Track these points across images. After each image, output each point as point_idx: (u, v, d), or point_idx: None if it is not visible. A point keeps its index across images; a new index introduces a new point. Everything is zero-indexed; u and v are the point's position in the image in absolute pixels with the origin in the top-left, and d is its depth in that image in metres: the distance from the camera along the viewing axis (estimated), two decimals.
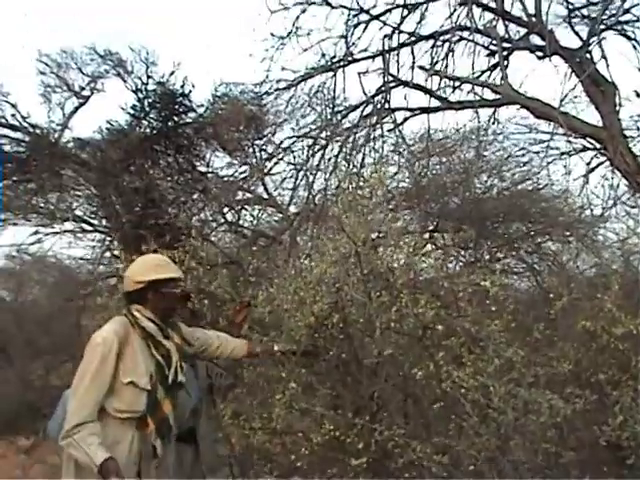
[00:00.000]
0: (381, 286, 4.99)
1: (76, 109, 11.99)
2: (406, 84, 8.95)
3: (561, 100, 8.12)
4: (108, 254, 12.30)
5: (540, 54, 8.78)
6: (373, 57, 9.07)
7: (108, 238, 12.10)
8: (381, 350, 4.86)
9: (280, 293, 5.09)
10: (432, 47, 8.99)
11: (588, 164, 9.43)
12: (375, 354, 4.91)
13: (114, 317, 4.89)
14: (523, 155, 11.44)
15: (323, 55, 9.21)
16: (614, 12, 8.57)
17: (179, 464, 5.53)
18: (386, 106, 8.89)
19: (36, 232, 12.43)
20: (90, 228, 12.39)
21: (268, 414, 5.07)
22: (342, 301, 4.90)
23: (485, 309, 4.87)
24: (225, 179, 11.40)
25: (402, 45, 9.00)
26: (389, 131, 9.09)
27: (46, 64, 11.87)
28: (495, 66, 9.15)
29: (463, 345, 4.84)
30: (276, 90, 9.52)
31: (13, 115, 11.37)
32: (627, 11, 8.57)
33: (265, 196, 11.21)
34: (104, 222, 11.99)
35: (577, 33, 8.82)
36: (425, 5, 8.96)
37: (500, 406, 4.45)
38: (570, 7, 8.85)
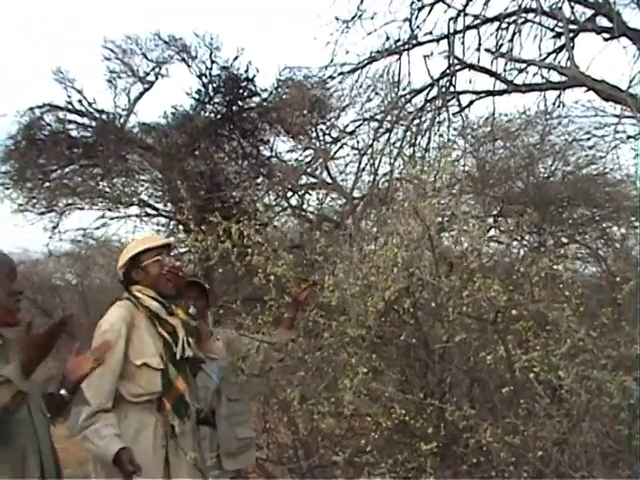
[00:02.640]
0: (452, 270, 4.97)
1: (141, 94, 12.07)
2: (471, 67, 8.89)
3: (629, 82, 8.02)
4: (172, 238, 12.46)
5: (607, 36, 8.66)
6: (438, 40, 9.03)
7: (172, 222, 12.24)
8: (451, 335, 4.85)
9: (348, 277, 5.08)
10: (497, 29, 8.93)
11: None
12: (444, 339, 4.90)
13: (116, 303, 4.87)
14: (588, 139, 11.30)
15: (387, 38, 9.21)
16: None
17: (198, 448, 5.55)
18: (451, 89, 8.85)
19: (102, 216, 12.64)
20: (154, 212, 12.54)
21: (336, 398, 5.07)
22: (413, 285, 4.90)
23: (555, 293, 4.83)
24: (289, 163, 11.44)
25: (467, 28, 8.94)
26: (454, 114, 9.06)
27: (111, 50, 11.97)
28: (561, 48, 9.06)
29: (530, 329, 4.81)
30: (340, 74, 9.55)
31: (80, 101, 11.54)
32: None
33: (329, 180, 11.22)
34: (169, 206, 12.13)
35: None
36: None
37: (572, 387, 4.41)
38: None
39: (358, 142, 10.69)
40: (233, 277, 9.21)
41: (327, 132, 11.57)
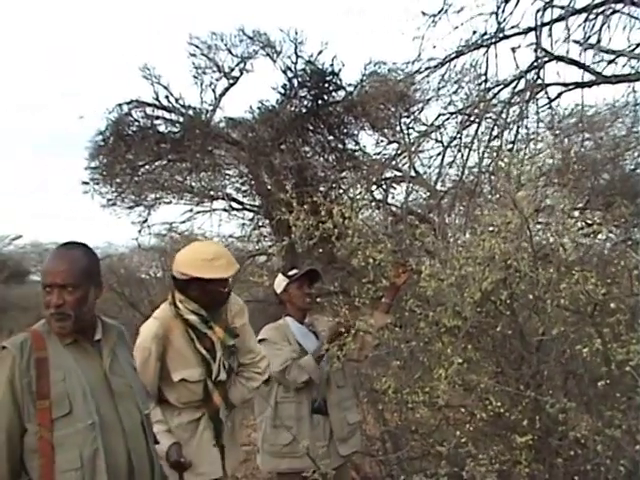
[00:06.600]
0: (549, 262, 4.97)
1: (226, 90, 12.14)
2: (559, 59, 8.81)
3: None
4: (257, 232, 12.59)
5: None
6: (525, 32, 8.96)
7: (257, 216, 12.36)
8: (548, 327, 4.85)
9: (445, 268, 5.11)
10: (585, 20, 8.82)
11: None
12: (541, 331, 4.91)
13: (162, 305, 4.96)
14: None
15: (474, 32, 9.18)
16: None
17: (315, 437, 5.72)
18: (539, 82, 8.78)
19: (190, 210, 12.83)
20: (239, 207, 12.67)
21: (430, 389, 5.11)
22: (510, 277, 4.91)
23: None
24: (374, 157, 11.44)
25: (555, 20, 8.86)
26: (542, 107, 8.99)
27: (196, 46, 12.06)
28: None
29: (626, 322, 4.79)
30: (427, 68, 9.55)
31: (167, 97, 11.70)
32: None
33: (413, 174, 11.20)
34: (256, 200, 12.24)
35: None
36: None
37: None
38: None
39: (442, 135, 10.66)
40: (322, 268, 9.29)
41: (411, 126, 11.55)
